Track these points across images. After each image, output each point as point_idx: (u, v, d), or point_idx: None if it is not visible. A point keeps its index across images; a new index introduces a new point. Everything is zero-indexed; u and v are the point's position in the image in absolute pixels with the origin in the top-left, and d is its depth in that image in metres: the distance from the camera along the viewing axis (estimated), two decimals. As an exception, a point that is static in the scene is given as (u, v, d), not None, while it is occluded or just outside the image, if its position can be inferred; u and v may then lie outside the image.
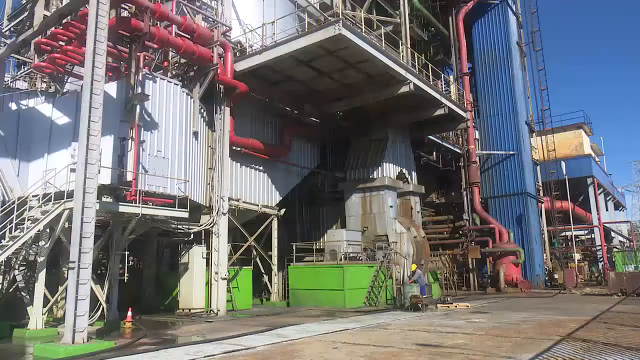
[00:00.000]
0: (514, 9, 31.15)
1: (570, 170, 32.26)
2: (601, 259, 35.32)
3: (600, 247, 35.79)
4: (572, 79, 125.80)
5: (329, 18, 18.56)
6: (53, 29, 13.99)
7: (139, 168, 12.18)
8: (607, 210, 42.93)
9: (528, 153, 29.19)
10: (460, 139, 28.70)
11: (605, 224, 38.51)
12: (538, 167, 32.07)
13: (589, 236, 40.56)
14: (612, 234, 43.82)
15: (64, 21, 13.59)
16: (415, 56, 19.86)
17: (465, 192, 27.75)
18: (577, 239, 38.79)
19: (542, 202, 30.99)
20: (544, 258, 29.60)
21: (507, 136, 28.18)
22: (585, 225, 39.29)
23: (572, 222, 30.56)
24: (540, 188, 31.50)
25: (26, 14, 15.49)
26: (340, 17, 14.56)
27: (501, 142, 28.32)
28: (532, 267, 26.40)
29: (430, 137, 25.72)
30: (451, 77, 27.45)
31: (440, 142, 27.13)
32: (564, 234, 33.47)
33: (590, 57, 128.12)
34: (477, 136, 29.28)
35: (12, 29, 22.32)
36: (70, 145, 12.65)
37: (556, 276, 26.75)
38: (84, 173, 9.24)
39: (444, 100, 19.66)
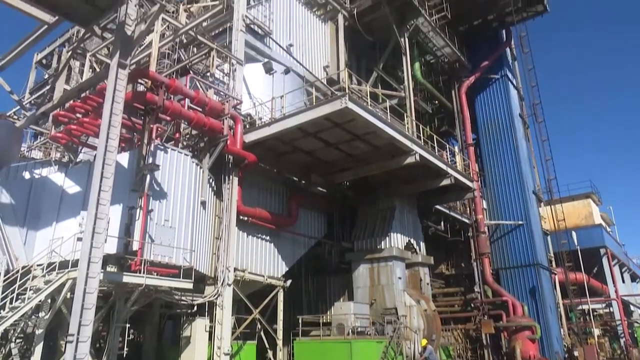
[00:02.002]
0: (515, 83, 32.18)
1: (582, 241, 31.70)
2: (622, 335, 33.74)
3: (620, 322, 34.32)
4: (578, 147, 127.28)
5: (336, 92, 19.25)
6: (72, 102, 14.60)
7: (146, 237, 12.16)
8: (623, 282, 41.66)
9: (537, 223, 28.88)
10: (468, 209, 28.58)
11: (623, 297, 37.21)
12: (549, 238, 31.58)
13: (607, 310, 39.06)
14: (631, 307, 42.20)
15: (82, 95, 14.21)
16: (420, 128, 20.30)
17: (475, 263, 27.17)
18: (595, 313, 37.35)
19: (556, 274, 30.21)
20: (562, 333, 28.36)
21: (515, 206, 28.03)
22: (602, 298, 37.97)
23: (588, 295, 29.56)
24: (553, 259, 30.82)
25: (47, 87, 16.23)
26: (347, 91, 15.08)
27: (509, 212, 28.14)
28: (550, 344, 25.21)
29: (438, 207, 25.64)
30: (456, 147, 27.85)
31: (447, 212, 26.99)
32: (580, 307, 32.28)
33: (595, 124, 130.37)
34: (485, 206, 29.16)
35: (32, 101, 23.36)
36: (79, 214, 12.75)
37: (576, 354, 25.42)
38: (91, 242, 9.22)
39: (449, 171, 19.82)
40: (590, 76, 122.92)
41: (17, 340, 11.19)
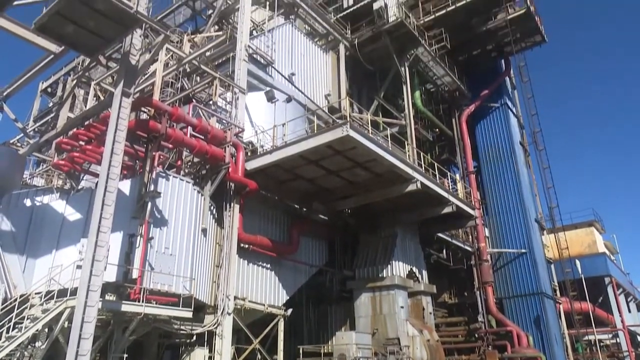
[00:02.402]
0: (515, 111, 32.45)
1: (586, 269, 31.38)
2: (630, 367, 33.02)
3: (627, 353, 33.62)
4: (579, 173, 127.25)
5: (337, 120, 19.41)
6: (75, 129, 14.73)
7: (146, 265, 12.07)
8: (629, 312, 41.00)
9: (540, 251, 28.64)
10: (470, 236, 28.40)
11: (629, 327, 36.55)
12: (552, 266, 31.27)
13: (614, 340, 38.31)
14: (639, 338, 41.40)
15: (86, 123, 14.35)
16: (421, 155, 20.37)
17: (478, 292, 26.82)
18: (602, 344, 36.62)
19: (560, 303, 29.77)
20: (568, 365, 27.76)
21: (518, 234, 27.86)
22: (608, 329, 37.29)
23: (594, 325, 29.06)
24: (557, 288, 30.43)
25: (51, 115, 16.41)
26: (348, 119, 15.21)
27: (512, 240, 27.95)
28: (556, 375, 24.66)
29: (440, 235, 25.50)
30: (457, 175, 27.88)
31: (450, 239, 26.82)
32: (586, 338, 31.67)
33: (596, 150, 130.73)
34: (487, 234, 28.99)
35: (36, 129, 23.58)
36: (79, 242, 12.69)
37: (583, 385, 24.86)
38: (90, 270, 9.15)
39: (451, 198, 19.79)
40: (591, 102, 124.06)
41: (12, 371, 10.99)
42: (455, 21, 28.35)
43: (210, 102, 17.34)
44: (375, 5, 24.39)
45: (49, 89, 30.51)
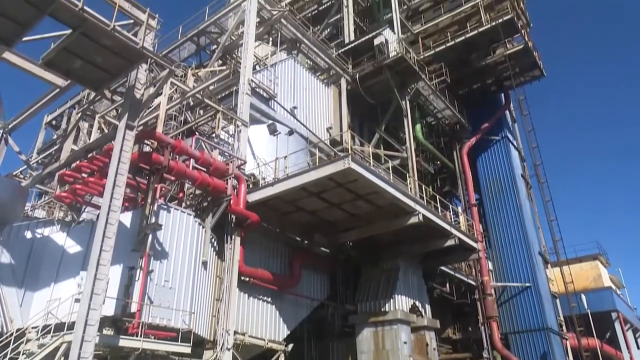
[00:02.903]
0: (515, 144, 32.66)
1: (592, 304, 30.85)
2: (640, 406, 32.00)
3: (637, 392, 32.66)
4: (582, 205, 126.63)
5: (339, 153, 19.52)
6: (78, 161, 14.83)
7: (145, 299, 11.91)
8: (638, 348, 40.05)
9: (545, 285, 28.26)
10: (474, 270, 28.08)
11: (638, 364, 35.64)
12: (557, 301, 30.76)
13: (623, 378, 37.27)
14: (648, 376, 40.29)
15: (89, 155, 14.46)
16: (423, 188, 20.37)
17: (483, 327, 26.31)
18: (611, 382, 35.62)
19: (567, 339, 29.13)
20: (577, 404, 26.94)
21: (521, 267, 27.57)
22: (617, 366, 36.37)
23: (602, 362, 28.36)
24: (563, 323, 29.85)
25: (55, 148, 16.55)
26: (350, 152, 15.29)
27: (516, 273, 27.63)
28: (565, 415, 23.90)
29: (443, 268, 25.22)
30: (459, 208, 27.81)
31: (453, 273, 26.50)
32: (594, 375, 30.84)
33: (599, 182, 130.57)
34: (491, 267, 28.68)
35: (39, 161, 23.74)
36: (78, 275, 12.58)
37: None
38: (89, 304, 9.04)
39: (453, 231, 19.67)
40: (593, 134, 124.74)
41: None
42: (454, 56, 28.94)
43: (213, 135, 17.49)
44: (376, 41, 24.90)
45: (54, 122, 30.88)
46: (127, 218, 13.05)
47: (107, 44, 10.71)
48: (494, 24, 27.09)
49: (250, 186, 16.75)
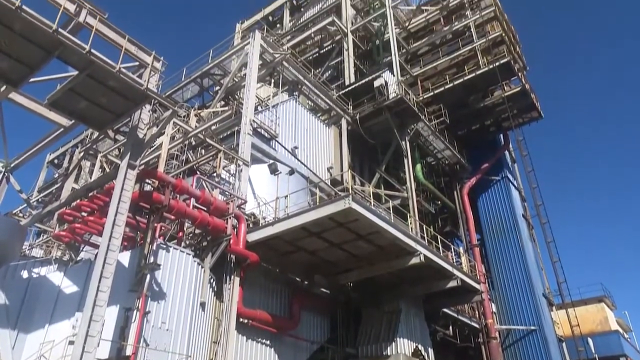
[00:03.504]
0: (516, 184, 32.72)
1: (599, 348, 30.09)
2: None
3: None
4: (585, 244, 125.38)
5: (339, 193, 19.52)
6: (78, 200, 14.82)
7: (141, 341, 11.61)
8: (648, 394, 38.72)
9: (551, 328, 27.63)
10: (477, 312, 27.54)
11: (650, 413, 34.37)
12: (564, 344, 29.99)
13: None
14: None
15: (90, 194, 14.46)
16: (424, 228, 20.26)
17: (488, 372, 25.55)
18: None
19: (575, 385, 28.24)
20: None
21: (526, 310, 27.03)
22: (627, 414, 35.07)
23: (612, 410, 27.36)
24: (570, 368, 29.01)
25: (56, 186, 16.58)
26: (350, 191, 15.30)
27: (520, 316, 27.07)
28: None
29: (445, 310, 24.73)
30: (461, 248, 27.55)
31: (456, 315, 25.95)
32: None
33: (602, 222, 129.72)
34: (495, 309, 28.14)
35: (40, 199, 23.75)
36: (73, 316, 12.32)
37: None
38: (83, 346, 8.82)
39: (455, 272, 19.42)
40: (594, 172, 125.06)
41: None
42: (453, 98, 29.46)
43: (214, 174, 17.56)
44: (376, 83, 25.40)
45: (56, 161, 31.10)
46: (125, 257, 12.91)
47: (112, 85, 10.91)
48: (491, 67, 27.73)
49: (251, 225, 16.66)
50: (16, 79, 10.86)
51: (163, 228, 15.52)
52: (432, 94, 29.56)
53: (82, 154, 19.05)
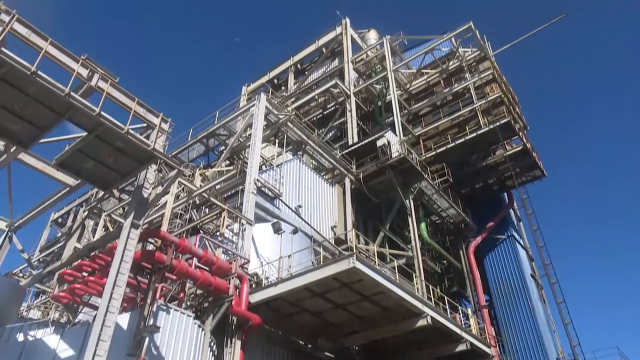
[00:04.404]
0: (522, 243, 32.27)
1: (619, 418, 28.36)
2: None
3: None
4: (597, 305, 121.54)
5: (343, 252, 19.30)
6: (79, 260, 14.68)
7: (136, 410, 11.08)
8: None
9: (567, 396, 26.28)
10: (489, 378, 26.31)
11: None
12: (582, 414, 28.40)
13: None
14: None
15: (92, 254, 14.35)
16: (430, 289, 19.82)
17: None
18: None
19: None
20: None
21: (540, 375, 25.83)
22: None
23: None
24: None
25: (59, 245, 16.49)
26: (354, 250, 15.13)
27: (534, 382, 25.83)
28: None
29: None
30: (469, 310, 26.79)
31: (467, 381, 24.81)
32: None
33: (609, 279, 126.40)
34: (507, 375, 26.91)
35: (41, 259, 23.56)
36: (67, 382, 11.83)
37: None
38: (74, 416, 8.38)
39: (464, 335, 18.77)
40: (602, 228, 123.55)
41: None
42: (455, 157, 29.75)
43: (218, 233, 17.47)
44: (379, 143, 25.79)
45: (60, 220, 31.14)
46: (124, 320, 12.58)
47: (119, 146, 11.12)
48: (491, 127, 28.18)
49: (253, 286, 16.35)
50: (27, 140, 11.10)
51: (164, 289, 15.24)
52: (434, 153, 29.90)
53: (86, 212, 19.10)
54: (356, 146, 27.28)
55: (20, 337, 14.39)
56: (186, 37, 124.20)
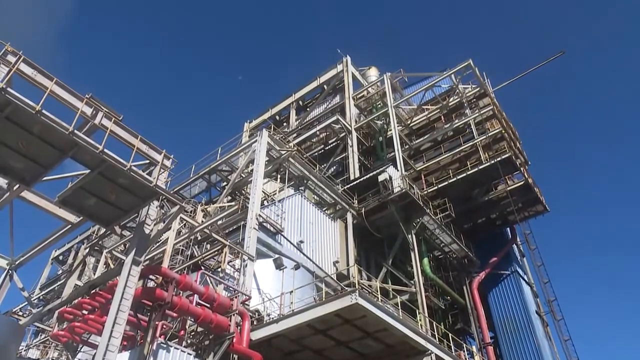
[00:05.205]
0: (527, 279, 31.83)
1: None
2: None
3: None
4: (607, 342, 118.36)
5: (346, 288, 19.11)
6: (80, 298, 14.56)
7: None
8: None
9: None
10: (497, 419, 25.49)
11: None
12: None
13: None
14: None
15: (92, 291, 14.25)
16: (434, 325, 19.49)
17: None
18: None
19: None
20: None
21: (550, 416, 25.01)
22: None
23: None
24: None
25: (59, 283, 16.39)
26: (357, 286, 14.99)
27: (544, 423, 24.97)
28: None
29: (462, 417, 22.94)
30: (474, 347, 26.22)
31: (474, 423, 24.05)
32: None
33: (615, 313, 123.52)
34: (516, 416, 26.05)
35: (41, 297, 23.34)
36: None
37: None
38: None
39: (471, 374, 18.32)
40: (608, 262, 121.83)
41: None
42: (457, 192, 29.74)
43: (219, 269, 17.37)
44: (381, 178, 25.91)
45: (61, 257, 31.01)
46: (124, 358, 12.36)
47: (122, 183, 11.23)
48: (492, 162, 28.30)
49: (255, 322, 16.13)
50: (30, 178, 11.22)
51: (164, 326, 15.03)
52: (435, 188, 29.91)
53: (87, 250, 19.06)
54: (358, 181, 27.39)
55: (17, 378, 14.12)
56: (190, 75, 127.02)
